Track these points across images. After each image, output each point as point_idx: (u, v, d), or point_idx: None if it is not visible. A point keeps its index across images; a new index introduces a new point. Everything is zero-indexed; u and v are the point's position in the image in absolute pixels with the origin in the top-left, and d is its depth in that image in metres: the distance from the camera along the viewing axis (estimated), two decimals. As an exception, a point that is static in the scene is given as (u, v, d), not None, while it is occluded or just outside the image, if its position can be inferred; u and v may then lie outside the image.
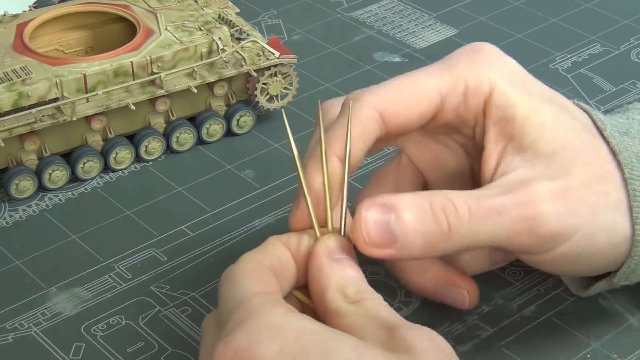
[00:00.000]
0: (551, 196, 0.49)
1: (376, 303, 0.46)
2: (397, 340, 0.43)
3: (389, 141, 0.55)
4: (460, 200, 0.48)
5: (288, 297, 0.48)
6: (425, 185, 0.57)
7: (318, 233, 0.49)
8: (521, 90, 0.52)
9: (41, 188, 0.66)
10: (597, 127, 0.53)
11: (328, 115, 0.53)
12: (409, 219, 0.48)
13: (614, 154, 0.52)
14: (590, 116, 0.53)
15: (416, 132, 0.55)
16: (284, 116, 0.52)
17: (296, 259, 0.49)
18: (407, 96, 0.52)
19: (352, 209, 0.50)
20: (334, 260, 0.48)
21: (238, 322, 0.44)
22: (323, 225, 0.50)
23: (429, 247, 0.48)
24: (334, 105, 0.54)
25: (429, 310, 0.56)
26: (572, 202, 0.50)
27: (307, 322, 0.44)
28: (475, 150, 0.54)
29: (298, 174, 0.50)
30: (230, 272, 0.47)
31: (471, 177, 0.56)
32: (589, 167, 0.51)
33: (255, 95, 0.69)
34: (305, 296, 0.49)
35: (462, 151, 0.56)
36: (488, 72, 0.52)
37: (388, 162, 0.57)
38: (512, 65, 0.54)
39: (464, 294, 0.55)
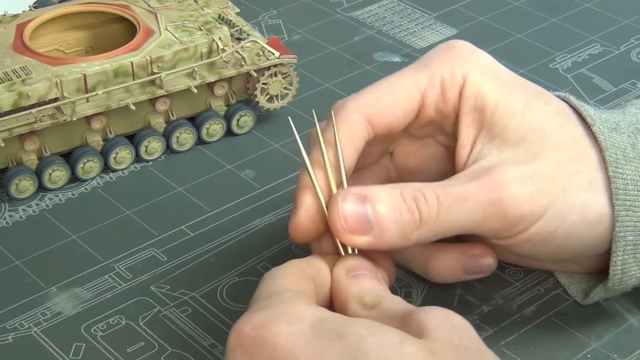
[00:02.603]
0: (517, 179, 0.51)
1: (393, 302, 0.47)
2: (410, 321, 0.45)
3: (379, 145, 0.56)
4: (429, 190, 0.50)
5: None
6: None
7: (342, 252, 0.51)
8: (492, 80, 0.54)
9: (41, 188, 0.66)
10: (587, 123, 0.53)
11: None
12: (383, 208, 0.50)
13: (600, 150, 0.52)
14: (580, 112, 0.54)
15: (403, 139, 0.57)
16: (291, 122, 0.53)
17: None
18: (389, 96, 0.54)
19: None
20: (353, 277, 0.49)
21: (262, 306, 0.46)
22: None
23: (403, 235, 0.50)
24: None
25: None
26: (541, 183, 0.51)
27: (326, 313, 0.46)
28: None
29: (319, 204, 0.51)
30: (271, 272, 0.49)
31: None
32: (560, 149, 0.52)
33: (255, 95, 0.69)
34: None
35: (447, 154, 0.57)
36: (461, 65, 0.54)
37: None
38: (484, 58, 0.55)
39: (489, 259, 0.56)
